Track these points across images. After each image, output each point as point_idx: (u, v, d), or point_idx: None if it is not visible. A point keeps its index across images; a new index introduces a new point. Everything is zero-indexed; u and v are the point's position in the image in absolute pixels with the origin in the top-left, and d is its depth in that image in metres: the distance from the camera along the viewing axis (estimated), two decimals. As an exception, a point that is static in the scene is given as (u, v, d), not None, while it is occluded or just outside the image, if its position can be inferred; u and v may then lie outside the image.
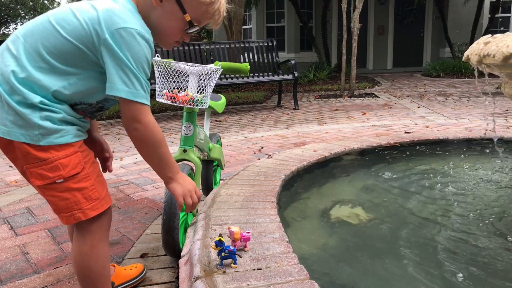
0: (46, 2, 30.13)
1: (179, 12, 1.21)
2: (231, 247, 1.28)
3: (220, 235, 1.30)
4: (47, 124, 1.11)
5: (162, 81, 1.75)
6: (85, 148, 1.23)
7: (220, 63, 1.83)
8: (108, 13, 1.12)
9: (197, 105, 1.72)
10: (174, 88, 1.74)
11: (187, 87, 1.76)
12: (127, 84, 1.12)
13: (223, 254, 1.28)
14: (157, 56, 1.74)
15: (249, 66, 1.90)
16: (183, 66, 1.72)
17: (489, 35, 1.72)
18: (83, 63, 1.15)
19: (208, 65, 1.75)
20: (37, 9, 29.77)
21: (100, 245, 1.26)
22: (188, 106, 1.71)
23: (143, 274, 1.62)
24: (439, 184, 2.35)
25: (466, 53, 1.86)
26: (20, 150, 1.13)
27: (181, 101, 1.69)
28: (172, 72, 1.73)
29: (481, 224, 1.82)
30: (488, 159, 2.81)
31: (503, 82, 1.86)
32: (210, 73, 1.72)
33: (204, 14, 1.24)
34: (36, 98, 1.11)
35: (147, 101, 1.16)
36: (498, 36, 1.65)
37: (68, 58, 1.14)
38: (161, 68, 1.74)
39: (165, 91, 1.75)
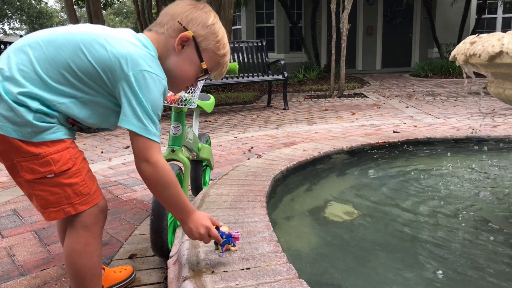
0: (33, 2, 29.77)
1: (197, 60, 1.28)
2: (227, 232, 1.29)
3: (216, 227, 1.30)
4: (41, 123, 1.13)
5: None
6: (76, 145, 1.24)
7: (208, 62, 1.83)
8: (136, 54, 1.17)
9: (185, 105, 1.71)
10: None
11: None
12: (142, 121, 1.16)
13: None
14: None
15: (237, 66, 1.90)
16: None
17: (476, 35, 1.74)
18: (97, 87, 1.19)
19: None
20: (24, 9, 29.41)
21: (94, 243, 1.26)
22: (176, 105, 1.71)
23: (132, 276, 1.60)
24: (426, 183, 2.37)
25: (452, 53, 1.88)
26: (11, 144, 1.13)
27: (169, 100, 1.68)
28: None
29: (467, 223, 1.84)
30: (475, 158, 2.84)
31: (489, 82, 1.88)
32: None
33: (216, 65, 1.34)
34: (34, 104, 1.12)
35: (157, 139, 1.19)
36: (484, 36, 1.67)
37: (84, 79, 1.17)
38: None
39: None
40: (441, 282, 1.39)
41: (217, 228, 1.28)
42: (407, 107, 6.26)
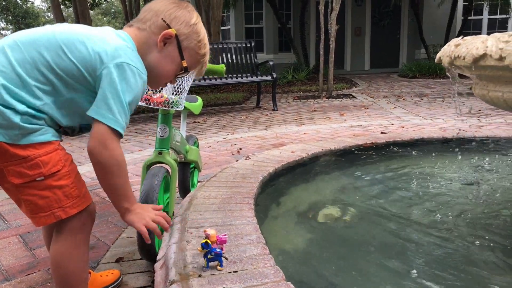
0: (19, 1, 29.38)
1: (178, 58, 1.30)
2: (217, 250, 1.27)
3: (207, 237, 1.29)
4: (28, 125, 1.11)
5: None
6: (63, 147, 1.22)
7: (195, 64, 1.82)
8: (116, 47, 1.18)
9: (172, 107, 1.71)
10: (148, 90, 1.71)
11: (162, 88, 1.74)
12: (112, 112, 1.14)
13: (209, 256, 1.27)
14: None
15: (225, 68, 1.90)
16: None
17: (460, 37, 1.76)
18: (78, 86, 1.18)
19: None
20: (10, 9, 29.02)
21: (81, 247, 1.24)
22: (163, 108, 1.70)
23: (119, 280, 1.59)
24: (413, 184, 2.39)
25: (438, 55, 1.90)
26: None
27: (156, 103, 1.67)
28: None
29: (454, 224, 1.86)
30: (461, 158, 2.87)
31: (474, 83, 1.90)
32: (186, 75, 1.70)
33: (196, 63, 1.36)
34: (20, 106, 1.11)
35: (122, 132, 1.17)
36: (468, 38, 1.69)
37: (66, 78, 1.16)
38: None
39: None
40: (430, 282, 1.40)
41: (207, 243, 1.26)
42: (395, 107, 6.31)
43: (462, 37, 1.73)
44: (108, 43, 1.19)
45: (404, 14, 14.10)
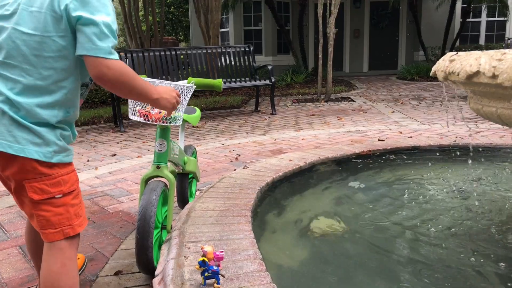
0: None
1: None
2: (214, 268, 1.30)
3: (204, 254, 1.31)
4: (62, 143, 1.23)
5: (135, 98, 1.74)
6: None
7: (193, 79, 1.84)
8: None
9: (170, 122, 1.73)
10: (147, 105, 1.73)
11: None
12: (95, 43, 1.15)
13: (206, 274, 1.29)
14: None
15: (222, 82, 1.92)
16: (157, 82, 1.71)
17: (455, 52, 1.78)
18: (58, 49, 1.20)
19: (181, 82, 1.75)
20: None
21: (71, 264, 1.29)
22: (161, 123, 1.72)
23: (84, 266, 1.70)
24: (411, 194, 2.41)
25: (433, 69, 1.92)
26: (24, 165, 1.18)
27: (154, 118, 1.69)
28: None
29: (451, 237, 1.88)
30: (458, 167, 2.89)
31: (469, 97, 1.92)
32: (184, 90, 1.73)
33: None
34: (52, 119, 1.20)
35: (113, 56, 1.19)
36: (462, 54, 1.71)
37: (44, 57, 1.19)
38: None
39: (138, 107, 1.75)
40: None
41: (204, 261, 1.28)
42: (393, 112, 6.33)
43: (457, 53, 1.75)
44: None
45: (402, 16, 14.13)
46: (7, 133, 1.15)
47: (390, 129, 4.93)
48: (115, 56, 1.19)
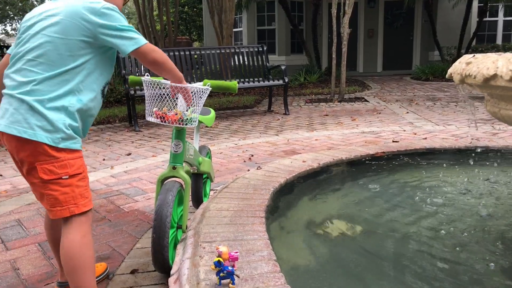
0: (35, 3, 29.81)
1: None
2: (230, 268, 1.32)
3: (219, 254, 1.33)
4: (69, 131, 1.42)
5: (151, 100, 1.77)
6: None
7: (209, 82, 1.86)
8: (85, 2, 1.44)
9: (186, 124, 1.75)
10: (164, 106, 1.76)
11: (176, 104, 1.78)
12: (131, 38, 1.45)
13: (221, 274, 1.32)
14: (147, 75, 1.77)
15: (237, 85, 1.94)
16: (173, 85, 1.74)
17: (471, 55, 1.77)
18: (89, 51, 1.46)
19: (196, 84, 1.78)
20: (26, 10, 29.46)
21: (89, 236, 1.47)
22: (178, 125, 1.74)
23: (106, 272, 1.80)
24: (425, 197, 2.40)
25: (449, 71, 1.91)
26: (37, 149, 1.37)
27: (171, 120, 1.72)
28: (162, 90, 1.76)
29: (466, 239, 1.87)
30: (474, 170, 2.87)
31: (485, 100, 1.91)
32: (200, 92, 1.75)
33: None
34: (68, 106, 1.42)
35: (144, 40, 1.47)
36: (479, 57, 1.70)
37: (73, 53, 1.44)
38: (150, 87, 1.76)
39: (155, 109, 1.78)
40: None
41: (220, 262, 1.31)
42: (407, 112, 6.28)
43: (474, 55, 1.74)
44: (74, 3, 1.49)
45: (417, 16, 13.98)
46: (23, 121, 1.36)
47: (404, 130, 4.89)
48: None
